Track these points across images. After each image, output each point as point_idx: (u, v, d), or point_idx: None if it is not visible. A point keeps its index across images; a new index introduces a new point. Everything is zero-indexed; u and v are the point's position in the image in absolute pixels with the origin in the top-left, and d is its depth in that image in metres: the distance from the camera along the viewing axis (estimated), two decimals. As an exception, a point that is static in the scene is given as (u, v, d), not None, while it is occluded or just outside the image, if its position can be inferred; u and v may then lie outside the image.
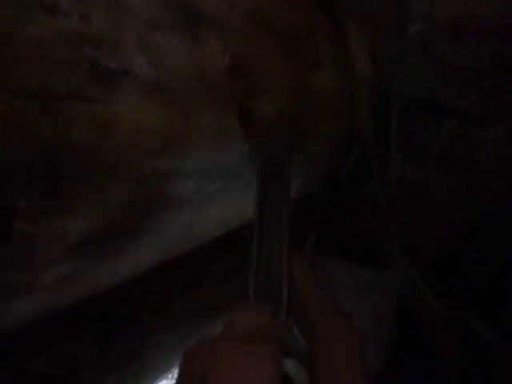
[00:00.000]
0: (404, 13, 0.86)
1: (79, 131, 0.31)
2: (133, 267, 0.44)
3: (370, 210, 0.86)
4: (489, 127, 0.74)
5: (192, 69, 0.40)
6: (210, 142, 0.43)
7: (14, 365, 0.37)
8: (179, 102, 0.38)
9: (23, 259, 0.30)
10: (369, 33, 0.81)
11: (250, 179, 0.52)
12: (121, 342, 0.49)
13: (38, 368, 0.39)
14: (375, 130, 0.80)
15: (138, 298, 0.51)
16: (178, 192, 0.42)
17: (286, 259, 0.38)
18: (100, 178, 0.34)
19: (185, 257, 0.55)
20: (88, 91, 0.31)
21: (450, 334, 0.69)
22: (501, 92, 0.71)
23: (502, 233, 0.70)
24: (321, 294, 0.35)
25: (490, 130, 0.75)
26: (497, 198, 0.73)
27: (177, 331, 0.55)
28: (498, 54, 0.71)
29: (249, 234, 0.40)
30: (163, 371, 0.55)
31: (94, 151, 0.32)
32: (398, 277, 0.74)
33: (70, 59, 0.30)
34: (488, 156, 0.75)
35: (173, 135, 0.38)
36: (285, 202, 0.43)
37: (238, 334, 0.29)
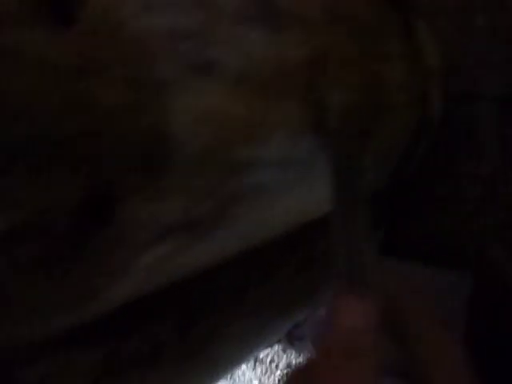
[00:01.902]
0: (472, 4, 0.84)
1: (174, 121, 0.33)
2: (212, 255, 0.45)
3: (443, 206, 0.85)
4: None
5: (273, 60, 0.41)
6: (288, 132, 0.44)
7: (107, 345, 0.40)
8: (261, 92, 0.40)
9: (122, 242, 0.32)
10: (438, 26, 0.79)
11: (325, 170, 0.52)
12: (199, 328, 0.51)
13: (126, 348, 0.41)
14: (443, 126, 0.78)
15: (214, 286, 0.52)
16: (257, 182, 0.44)
17: (368, 251, 0.38)
18: (190, 167, 0.36)
19: (259, 247, 0.56)
20: (186, 82, 0.33)
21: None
22: None
23: None
24: (422, 304, 0.34)
25: None
26: None
27: (251, 321, 0.56)
28: None
29: (329, 224, 0.41)
30: (237, 360, 0.56)
31: (185, 141, 0.34)
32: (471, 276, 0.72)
33: (174, 52, 0.32)
34: None
35: (255, 125, 0.40)
36: (361, 192, 0.43)
37: (342, 341, 0.28)
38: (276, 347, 1.13)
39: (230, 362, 0.62)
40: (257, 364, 1.15)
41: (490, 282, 0.78)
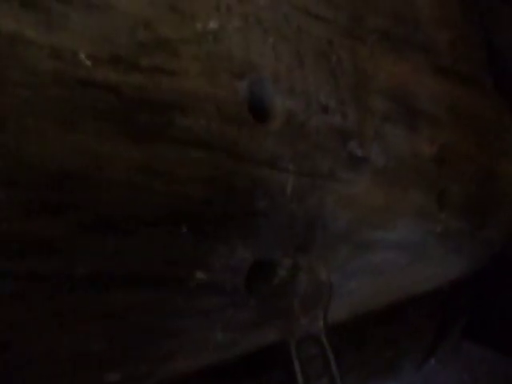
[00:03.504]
0: None
1: (330, 205, 0.38)
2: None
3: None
4: None
5: (409, 155, 0.46)
6: (413, 219, 0.48)
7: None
8: (398, 183, 0.45)
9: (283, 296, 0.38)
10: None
11: (434, 255, 0.56)
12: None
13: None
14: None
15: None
16: (379, 260, 0.48)
17: None
18: (328, 244, 0.42)
19: (355, 318, 0.59)
20: (341, 174, 0.39)
21: None
22: None
23: None
24: None
25: None
26: None
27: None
28: None
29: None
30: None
31: (335, 221, 0.39)
32: None
33: (335, 148, 0.38)
34: None
35: (389, 211, 0.45)
36: None
37: None
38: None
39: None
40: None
41: None
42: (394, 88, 0.47)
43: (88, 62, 0.27)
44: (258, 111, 0.35)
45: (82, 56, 0.27)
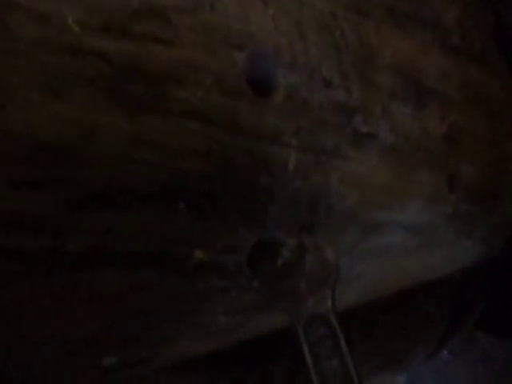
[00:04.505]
0: None
1: (335, 183, 0.37)
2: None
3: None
4: None
5: (417, 134, 0.44)
6: (422, 200, 0.46)
7: (237, 372, 0.43)
8: (406, 163, 0.43)
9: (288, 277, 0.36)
10: None
11: (444, 239, 0.54)
12: (303, 376, 0.53)
13: (252, 377, 0.45)
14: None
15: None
16: (386, 243, 0.46)
17: None
18: (335, 224, 0.40)
19: (363, 305, 0.58)
20: (346, 151, 0.37)
21: None
22: None
23: None
24: None
25: None
26: None
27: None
28: None
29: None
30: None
31: (340, 200, 0.38)
32: None
33: (339, 124, 0.36)
34: None
35: (397, 191, 0.43)
36: None
37: None
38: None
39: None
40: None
41: None
42: (402, 64, 0.45)
43: (77, 28, 0.25)
44: (259, 85, 0.34)
45: (71, 22, 0.25)
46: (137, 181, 0.27)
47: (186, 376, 0.43)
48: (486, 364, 1.03)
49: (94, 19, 0.26)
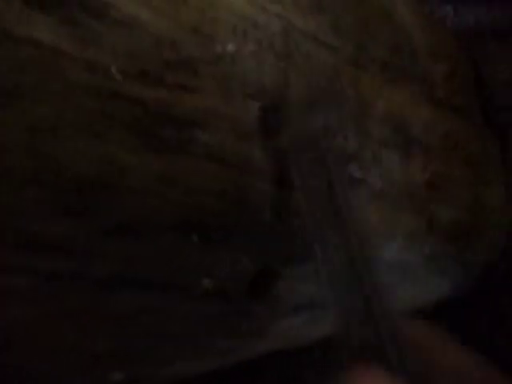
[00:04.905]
0: None
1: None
2: (321, 332, 0.52)
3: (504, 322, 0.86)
4: None
5: (403, 180, 0.49)
6: (403, 241, 0.51)
7: None
8: (392, 206, 0.47)
9: (272, 310, 0.39)
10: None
11: (419, 276, 0.58)
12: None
13: None
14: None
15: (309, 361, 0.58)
16: (369, 278, 0.50)
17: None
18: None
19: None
20: (341, 193, 0.41)
21: None
22: None
23: None
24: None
25: None
26: None
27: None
28: None
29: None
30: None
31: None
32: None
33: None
34: None
35: (381, 232, 0.47)
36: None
37: None
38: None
39: None
40: None
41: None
42: (392, 116, 0.50)
43: (119, 76, 0.29)
44: (269, 131, 0.37)
45: (114, 70, 0.28)
46: (159, 214, 0.30)
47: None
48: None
49: (133, 68, 0.29)
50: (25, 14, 0.25)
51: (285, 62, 0.39)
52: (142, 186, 0.29)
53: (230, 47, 0.36)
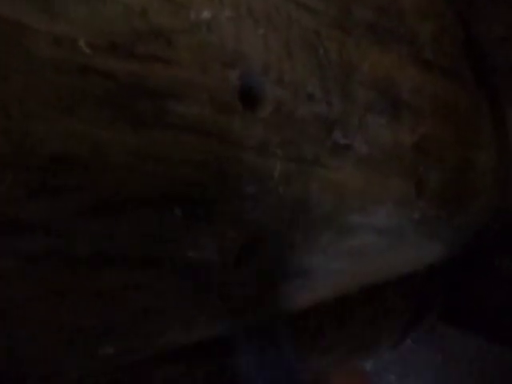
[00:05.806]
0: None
1: (314, 189, 0.40)
2: (312, 299, 0.52)
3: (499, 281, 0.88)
4: None
5: (390, 144, 0.48)
6: (392, 205, 0.50)
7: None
8: (379, 171, 0.47)
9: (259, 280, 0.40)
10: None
11: (411, 241, 0.58)
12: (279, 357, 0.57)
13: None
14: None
15: (297, 325, 0.59)
16: (359, 244, 0.50)
17: None
18: (312, 228, 0.44)
19: (336, 298, 0.62)
20: (325, 160, 0.40)
21: None
22: None
23: None
24: None
25: None
26: None
27: (327, 358, 0.62)
28: None
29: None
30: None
31: (319, 205, 0.41)
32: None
33: (319, 135, 0.40)
34: None
35: (370, 197, 0.47)
36: None
37: None
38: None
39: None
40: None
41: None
42: (378, 79, 0.49)
43: (87, 50, 0.28)
44: (249, 99, 0.37)
45: (82, 43, 0.28)
46: (139, 189, 0.30)
47: (165, 368, 0.46)
48: (446, 353, 1.10)
49: (102, 41, 0.28)
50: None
51: (264, 27, 0.38)
52: (118, 162, 0.29)
53: (206, 14, 0.35)
